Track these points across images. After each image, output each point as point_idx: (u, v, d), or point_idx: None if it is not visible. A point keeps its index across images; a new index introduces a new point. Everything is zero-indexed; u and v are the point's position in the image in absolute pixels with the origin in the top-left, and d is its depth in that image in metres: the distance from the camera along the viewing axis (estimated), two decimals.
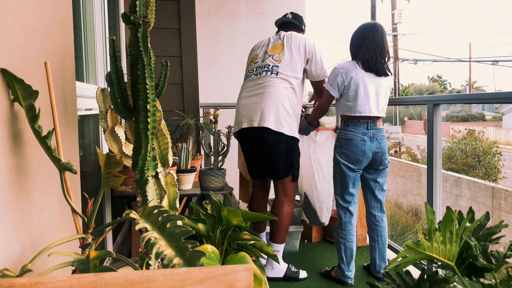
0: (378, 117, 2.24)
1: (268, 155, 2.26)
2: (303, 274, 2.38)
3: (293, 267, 2.37)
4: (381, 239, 2.30)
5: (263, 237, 2.55)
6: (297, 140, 2.30)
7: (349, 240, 2.26)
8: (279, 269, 2.32)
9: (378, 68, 2.18)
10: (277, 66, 2.27)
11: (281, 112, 2.21)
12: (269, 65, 2.29)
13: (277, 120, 2.19)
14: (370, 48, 2.17)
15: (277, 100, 2.21)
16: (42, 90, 0.88)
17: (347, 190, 2.26)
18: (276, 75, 2.25)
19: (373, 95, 2.19)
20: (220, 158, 2.79)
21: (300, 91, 2.33)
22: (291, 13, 2.53)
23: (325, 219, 2.65)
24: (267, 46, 2.38)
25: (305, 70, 2.35)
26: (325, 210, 2.60)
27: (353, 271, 2.30)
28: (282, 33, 2.40)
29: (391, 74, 2.28)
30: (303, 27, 2.52)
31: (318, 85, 2.43)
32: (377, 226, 2.31)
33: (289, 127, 2.23)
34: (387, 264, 1.98)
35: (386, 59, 2.21)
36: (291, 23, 2.48)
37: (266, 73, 2.28)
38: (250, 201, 2.54)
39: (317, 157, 2.56)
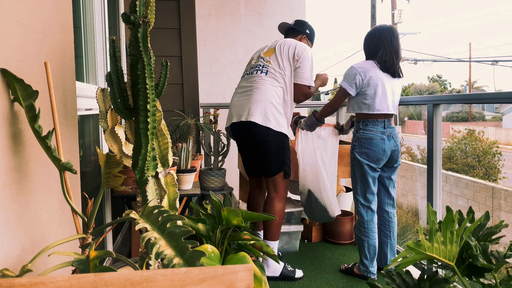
0: (391, 116, 2.32)
1: (259, 150, 2.30)
2: (299, 273, 2.39)
3: (289, 266, 2.39)
4: (392, 235, 2.39)
5: (262, 235, 2.55)
6: (286, 136, 2.31)
7: (372, 238, 2.32)
8: (275, 268, 2.33)
9: (394, 70, 2.26)
10: (267, 66, 2.35)
11: (269, 108, 2.25)
12: (260, 65, 2.38)
13: (264, 116, 2.23)
14: (387, 50, 2.24)
15: (265, 96, 2.27)
16: (42, 90, 0.88)
17: (369, 189, 2.31)
18: (266, 74, 2.33)
19: (390, 94, 2.27)
20: (220, 158, 2.79)
21: (292, 92, 2.36)
22: (295, 20, 2.63)
23: (334, 214, 2.65)
24: (262, 51, 2.48)
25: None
26: (336, 205, 2.61)
27: (375, 266, 2.36)
28: (279, 39, 2.49)
29: (403, 76, 2.35)
30: (307, 31, 2.56)
31: (297, 88, 2.34)
32: (389, 222, 2.39)
33: (277, 122, 2.25)
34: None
35: (399, 64, 2.30)
36: (291, 28, 2.57)
37: (257, 72, 2.37)
38: (248, 199, 2.59)
39: (321, 153, 2.57)
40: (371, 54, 2.30)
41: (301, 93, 2.34)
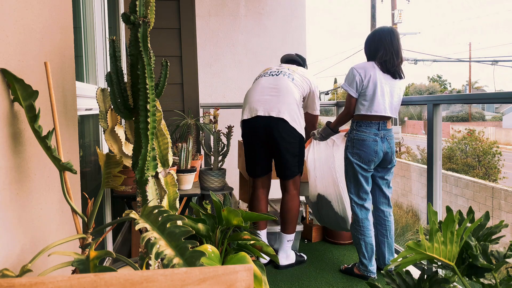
0: (389, 118, 2.30)
1: (284, 152, 2.40)
2: (305, 256, 2.67)
3: (297, 252, 2.64)
4: (389, 234, 2.39)
5: (263, 235, 2.56)
6: (304, 139, 2.50)
7: (368, 236, 2.32)
8: (292, 256, 2.57)
9: (394, 70, 2.25)
10: (292, 74, 2.50)
11: (294, 111, 2.40)
12: (286, 72, 2.51)
13: (291, 116, 2.38)
14: (387, 51, 2.24)
15: (292, 99, 2.41)
16: (42, 90, 0.88)
17: (362, 188, 2.32)
18: (292, 81, 2.47)
19: (388, 96, 2.26)
20: (220, 158, 2.79)
21: (301, 105, 2.55)
22: (296, 54, 2.81)
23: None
24: (279, 65, 2.65)
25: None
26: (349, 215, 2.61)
27: (374, 265, 2.36)
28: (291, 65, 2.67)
29: (404, 77, 2.34)
30: (305, 68, 2.75)
31: (309, 118, 2.65)
32: (385, 221, 2.39)
33: (300, 126, 2.43)
34: (396, 257, 2.00)
35: (401, 63, 2.29)
36: (295, 60, 2.73)
37: (284, 75, 2.48)
38: (252, 200, 2.58)
39: (333, 162, 2.57)
40: (372, 55, 2.30)
41: (315, 122, 2.70)
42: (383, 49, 2.24)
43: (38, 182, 0.88)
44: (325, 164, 2.58)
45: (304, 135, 2.47)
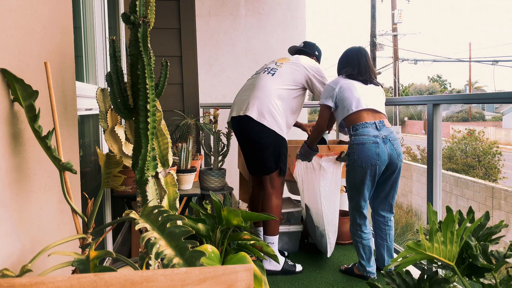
0: (377, 112, 2.27)
1: (254, 147, 2.34)
2: (298, 267, 2.44)
3: (289, 261, 2.44)
4: (388, 238, 2.37)
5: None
6: (283, 138, 2.34)
7: (365, 238, 2.32)
8: (276, 264, 2.37)
9: (363, 79, 2.32)
10: (276, 69, 2.41)
11: (266, 105, 2.29)
12: (270, 67, 2.46)
13: (260, 112, 2.28)
14: (354, 67, 2.35)
15: (265, 93, 2.32)
16: (42, 90, 0.88)
17: (362, 196, 2.27)
18: (272, 75, 2.38)
19: (364, 94, 2.28)
20: (220, 158, 2.79)
21: (295, 104, 2.43)
22: (303, 42, 2.73)
23: (330, 250, 2.62)
24: (276, 58, 2.58)
25: (309, 89, 2.48)
26: (333, 239, 2.58)
27: (373, 265, 2.35)
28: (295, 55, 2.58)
29: (380, 86, 2.40)
30: (316, 53, 2.67)
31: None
32: (385, 226, 2.37)
33: (273, 121, 2.29)
34: (395, 257, 2.00)
35: (372, 76, 2.36)
36: (301, 51, 2.65)
37: (264, 73, 2.43)
38: (249, 198, 2.63)
39: (319, 185, 2.47)
40: (339, 71, 2.43)
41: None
42: (350, 66, 2.35)
43: (38, 182, 0.88)
44: (310, 185, 2.53)
45: (278, 132, 2.29)
